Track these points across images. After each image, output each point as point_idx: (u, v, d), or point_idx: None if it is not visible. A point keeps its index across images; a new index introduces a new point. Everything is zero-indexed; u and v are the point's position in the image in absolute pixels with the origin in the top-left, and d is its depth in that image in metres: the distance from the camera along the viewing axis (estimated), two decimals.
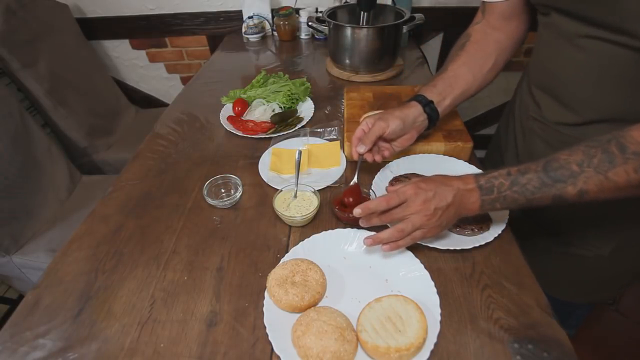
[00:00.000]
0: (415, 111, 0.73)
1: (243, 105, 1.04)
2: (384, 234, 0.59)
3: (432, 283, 0.58)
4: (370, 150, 0.73)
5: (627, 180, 0.48)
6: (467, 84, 0.76)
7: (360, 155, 0.72)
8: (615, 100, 0.59)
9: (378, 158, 0.74)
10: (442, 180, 0.59)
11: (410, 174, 0.78)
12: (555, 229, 0.76)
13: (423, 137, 0.84)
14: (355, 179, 0.74)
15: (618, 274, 0.77)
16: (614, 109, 0.60)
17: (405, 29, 1.18)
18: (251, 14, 1.61)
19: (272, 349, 0.52)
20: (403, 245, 0.60)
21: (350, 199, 0.71)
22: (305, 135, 0.95)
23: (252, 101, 1.08)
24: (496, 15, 0.75)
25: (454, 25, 1.72)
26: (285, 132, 0.97)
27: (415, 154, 0.84)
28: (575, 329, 0.95)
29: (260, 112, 1.03)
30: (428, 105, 0.73)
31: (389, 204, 0.58)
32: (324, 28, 1.24)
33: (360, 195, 0.72)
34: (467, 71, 0.75)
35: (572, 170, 0.51)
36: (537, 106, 0.73)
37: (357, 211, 0.60)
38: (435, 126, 0.77)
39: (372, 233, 0.65)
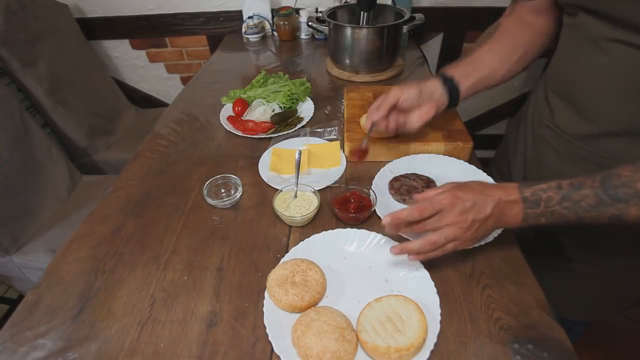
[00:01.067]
0: (433, 84, 0.71)
1: (243, 105, 1.04)
2: (414, 245, 0.55)
3: (432, 283, 0.58)
4: (387, 118, 0.72)
5: None
6: (492, 69, 0.73)
7: (373, 122, 0.72)
8: (635, 112, 0.56)
9: (392, 125, 0.73)
10: (482, 189, 0.54)
11: (410, 174, 0.78)
12: (559, 245, 0.74)
13: (423, 137, 0.85)
14: (364, 144, 0.77)
15: (619, 295, 0.76)
16: (633, 121, 0.57)
17: (405, 29, 1.18)
18: (251, 14, 1.61)
19: (272, 349, 0.52)
20: (432, 257, 0.56)
21: (351, 200, 0.72)
22: (305, 135, 0.95)
23: (252, 101, 1.08)
24: (526, 9, 0.72)
25: (454, 25, 1.72)
26: (285, 132, 0.97)
27: (415, 154, 0.84)
28: (572, 343, 0.94)
29: (260, 112, 1.03)
30: (448, 81, 0.72)
31: (422, 215, 0.54)
32: (324, 28, 1.24)
33: (359, 196, 0.72)
34: (493, 57, 0.73)
35: (637, 189, 0.46)
36: (551, 113, 0.70)
37: (386, 220, 0.56)
38: (456, 105, 0.75)
39: (372, 233, 0.66)
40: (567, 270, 0.75)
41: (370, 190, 0.72)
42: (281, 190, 0.75)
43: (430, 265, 0.62)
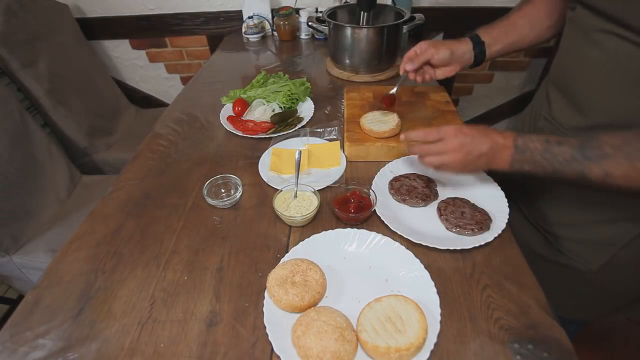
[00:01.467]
0: (465, 47, 0.80)
1: (243, 105, 1.04)
2: (420, 160, 0.68)
3: (432, 283, 0.58)
4: (416, 71, 0.82)
5: None
6: (522, 35, 0.80)
7: (406, 72, 0.81)
8: (626, 104, 0.57)
9: (420, 79, 0.83)
10: (484, 130, 0.63)
11: (410, 174, 0.78)
12: (551, 233, 0.76)
13: None
14: (394, 90, 0.88)
15: (608, 293, 0.76)
16: (623, 113, 0.58)
17: (405, 29, 1.18)
18: (251, 14, 1.61)
19: (272, 349, 0.52)
20: (419, 158, 0.68)
21: (351, 200, 0.72)
22: (305, 135, 0.95)
23: (252, 101, 1.08)
24: None
25: (454, 25, 1.72)
26: (285, 132, 0.97)
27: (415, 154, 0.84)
28: None
29: (260, 112, 1.03)
30: (479, 45, 0.80)
31: (426, 137, 0.66)
32: (324, 28, 1.24)
33: (359, 196, 0.73)
34: (525, 22, 0.79)
35: (604, 151, 0.52)
36: (549, 105, 0.73)
37: (402, 136, 0.70)
38: (478, 67, 0.84)
39: (372, 233, 0.66)
40: (557, 263, 0.76)
41: (370, 190, 0.72)
42: (281, 190, 0.75)
43: (430, 265, 0.62)
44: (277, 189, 0.75)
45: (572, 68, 0.65)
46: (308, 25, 1.33)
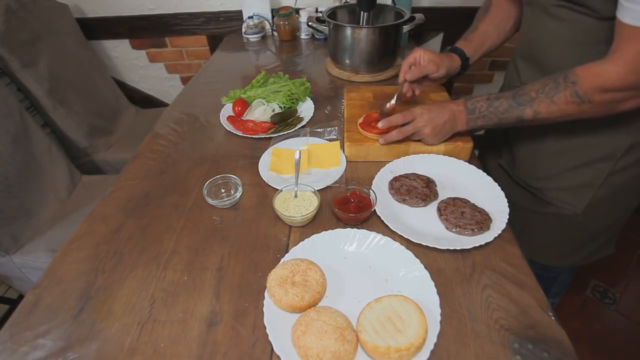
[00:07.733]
0: (456, 64, 0.90)
1: (243, 105, 1.04)
2: (394, 134, 0.82)
3: (432, 283, 0.58)
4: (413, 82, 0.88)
5: (565, 102, 0.63)
6: (493, 41, 0.92)
7: (405, 81, 0.86)
8: (580, 59, 0.64)
9: (417, 92, 0.91)
10: (441, 104, 0.80)
11: (410, 174, 0.78)
12: (538, 188, 0.84)
13: None
14: (393, 101, 0.86)
15: (594, 232, 0.85)
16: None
17: (405, 29, 1.18)
18: (251, 14, 1.61)
19: (272, 349, 0.52)
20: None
21: (351, 200, 0.72)
22: (305, 135, 0.95)
23: (252, 101, 1.08)
24: None
25: (454, 25, 1.72)
26: (285, 132, 0.97)
27: (415, 154, 0.84)
28: (559, 296, 1.03)
29: (260, 112, 1.03)
30: (465, 61, 0.91)
31: (405, 119, 0.80)
32: (324, 28, 1.24)
33: (359, 196, 0.73)
34: (493, 30, 0.91)
35: (531, 96, 0.67)
36: (518, 75, 0.83)
37: (380, 124, 0.81)
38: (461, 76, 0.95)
39: (372, 233, 0.66)
40: (546, 214, 0.84)
41: (370, 190, 0.72)
42: (281, 190, 0.75)
43: (430, 265, 0.62)
44: (277, 189, 0.75)
45: (536, 39, 0.76)
46: (308, 25, 1.33)
